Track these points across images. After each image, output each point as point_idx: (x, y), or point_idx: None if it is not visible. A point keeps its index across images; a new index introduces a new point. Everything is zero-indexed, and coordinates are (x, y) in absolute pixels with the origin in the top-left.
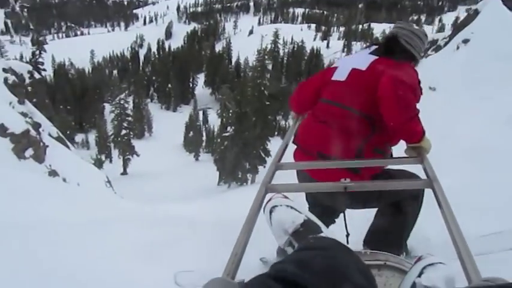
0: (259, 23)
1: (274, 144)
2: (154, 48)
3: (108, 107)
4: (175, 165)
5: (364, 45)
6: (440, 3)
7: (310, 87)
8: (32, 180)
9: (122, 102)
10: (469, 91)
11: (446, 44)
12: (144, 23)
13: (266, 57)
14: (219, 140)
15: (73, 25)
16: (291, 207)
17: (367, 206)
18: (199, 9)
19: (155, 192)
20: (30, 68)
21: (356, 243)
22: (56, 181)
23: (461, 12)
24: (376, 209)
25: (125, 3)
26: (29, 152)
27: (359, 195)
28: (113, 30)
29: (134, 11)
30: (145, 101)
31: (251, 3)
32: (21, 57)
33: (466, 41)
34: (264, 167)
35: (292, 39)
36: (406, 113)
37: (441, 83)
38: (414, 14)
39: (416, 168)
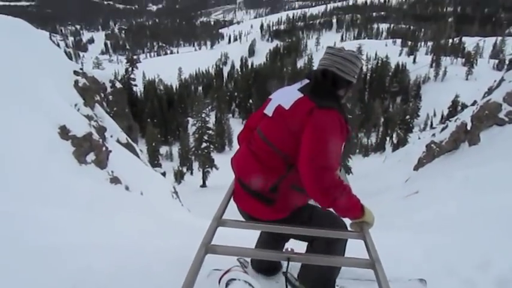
0: (341, 39)
1: (353, 160)
2: (237, 65)
3: (191, 121)
4: None
5: (300, 82)
6: None
7: (253, 121)
8: (91, 187)
9: (203, 116)
10: None
11: None
12: (229, 42)
13: None
14: None
15: (164, 45)
16: (249, 284)
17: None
18: (282, 27)
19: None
20: (112, 77)
21: None
22: (118, 189)
23: None
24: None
25: (212, 23)
26: (91, 156)
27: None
28: (200, 48)
29: (220, 31)
30: (227, 116)
31: (334, 20)
32: (116, 73)
33: None
34: None
35: (376, 54)
36: (330, 195)
37: None
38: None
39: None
